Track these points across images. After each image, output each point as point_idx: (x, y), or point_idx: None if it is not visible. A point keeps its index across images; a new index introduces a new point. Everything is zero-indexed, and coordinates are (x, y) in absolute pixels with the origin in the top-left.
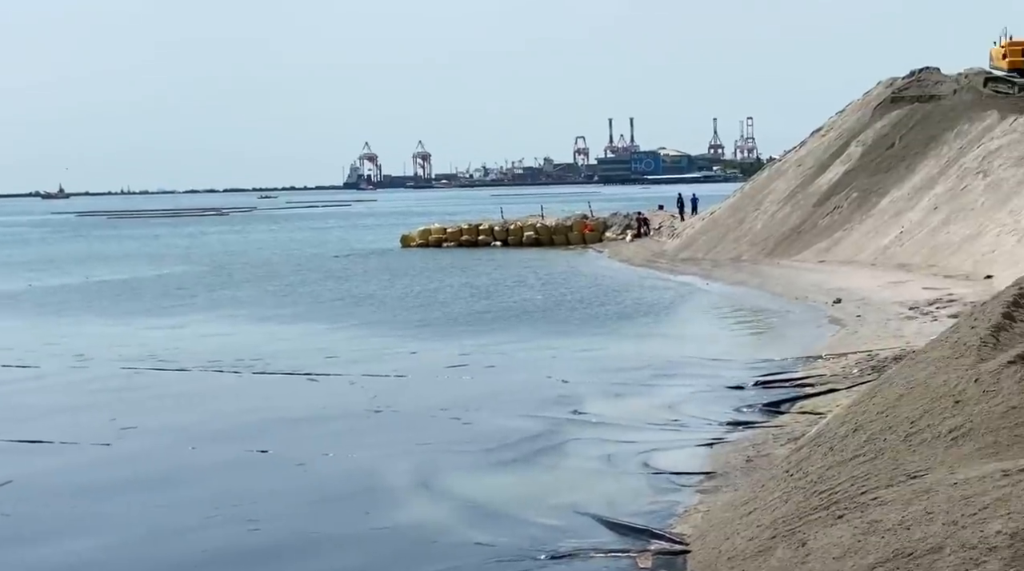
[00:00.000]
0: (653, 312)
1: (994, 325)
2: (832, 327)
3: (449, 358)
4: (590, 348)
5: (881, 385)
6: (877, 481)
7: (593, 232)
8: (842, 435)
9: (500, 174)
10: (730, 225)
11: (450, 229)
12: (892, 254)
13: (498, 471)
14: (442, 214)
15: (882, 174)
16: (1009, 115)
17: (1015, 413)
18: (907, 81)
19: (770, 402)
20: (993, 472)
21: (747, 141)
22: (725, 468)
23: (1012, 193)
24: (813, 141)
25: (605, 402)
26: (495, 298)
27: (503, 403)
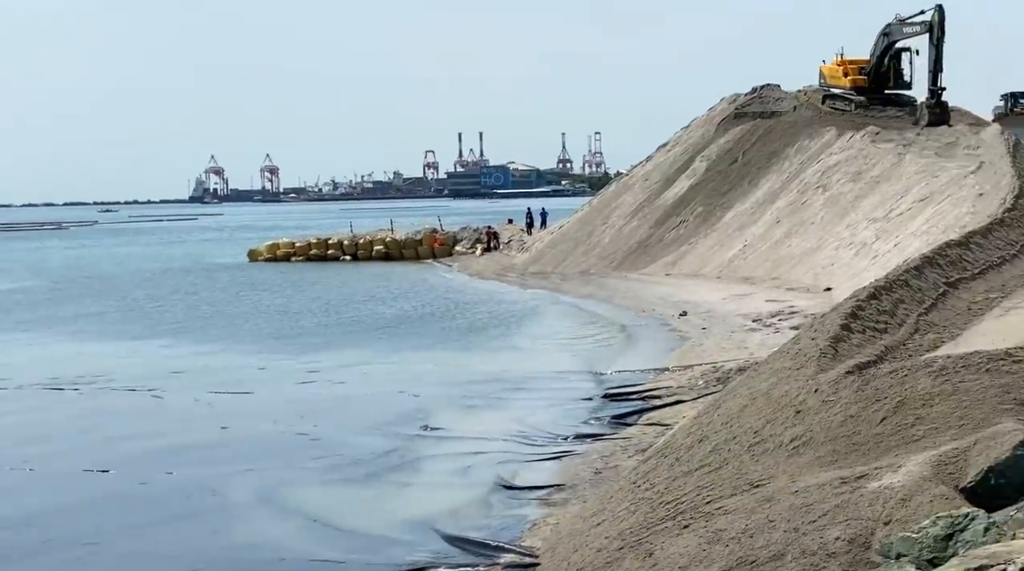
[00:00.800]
0: (503, 325)
1: (833, 336)
2: (678, 339)
3: (298, 374)
4: (441, 362)
5: (725, 396)
6: (722, 491)
7: (443, 246)
8: (688, 446)
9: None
10: (579, 239)
11: (299, 243)
12: (736, 267)
13: (347, 487)
14: (291, 228)
15: (726, 189)
16: (846, 131)
17: (853, 422)
18: (749, 97)
19: (618, 414)
20: (832, 480)
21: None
22: (574, 480)
23: (849, 207)
24: (659, 156)
25: (456, 416)
26: (345, 312)
27: (353, 418)
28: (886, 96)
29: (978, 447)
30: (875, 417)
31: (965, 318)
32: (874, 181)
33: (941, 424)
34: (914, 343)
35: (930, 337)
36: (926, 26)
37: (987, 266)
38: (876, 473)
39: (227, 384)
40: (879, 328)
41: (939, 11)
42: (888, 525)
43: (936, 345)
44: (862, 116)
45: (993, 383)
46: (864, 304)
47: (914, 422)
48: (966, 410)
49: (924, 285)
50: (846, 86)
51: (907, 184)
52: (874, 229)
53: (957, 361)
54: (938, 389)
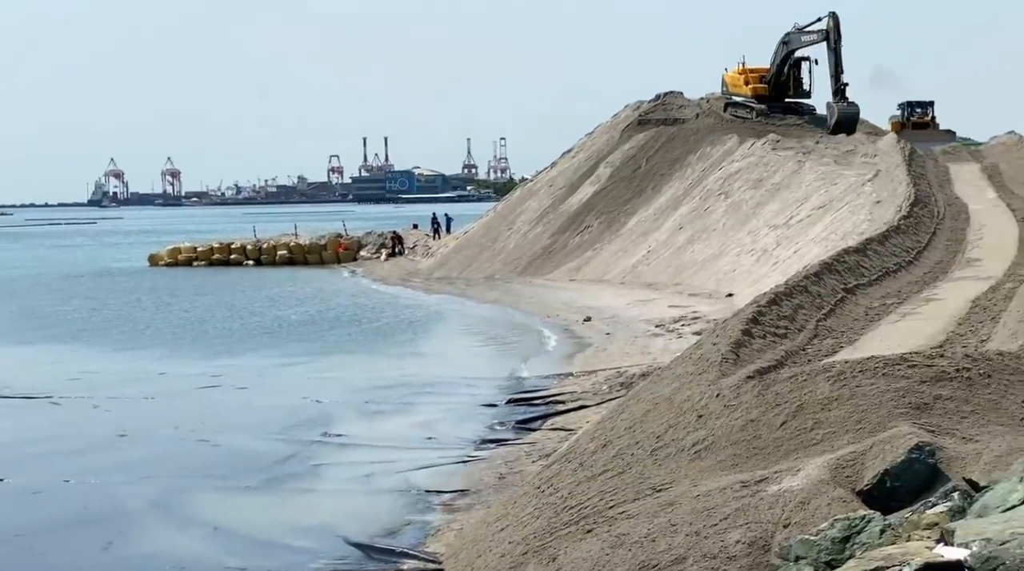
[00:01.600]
0: (408, 331)
1: (734, 342)
2: (582, 345)
3: (200, 379)
4: (345, 367)
5: (629, 401)
6: (624, 495)
7: (348, 251)
8: (591, 451)
9: (253, 192)
10: (484, 244)
11: (200, 247)
12: (640, 273)
13: (249, 494)
14: (192, 232)
15: (630, 195)
16: (748, 139)
17: (753, 426)
18: (653, 105)
19: (522, 419)
20: (733, 484)
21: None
22: (478, 486)
23: (751, 214)
24: (564, 162)
25: (360, 422)
26: (248, 317)
27: (255, 425)
28: (786, 104)
29: (874, 450)
30: (775, 421)
31: (862, 323)
32: (775, 188)
33: (839, 428)
34: (813, 348)
35: (829, 342)
36: (823, 33)
37: (884, 272)
38: (776, 477)
39: (127, 390)
40: (779, 333)
41: (833, 17)
42: (787, 528)
43: (834, 350)
44: (763, 124)
45: (889, 387)
46: (765, 310)
47: (813, 426)
48: (863, 414)
49: (823, 291)
50: (747, 94)
51: (807, 191)
52: (775, 236)
53: (855, 366)
54: (836, 394)
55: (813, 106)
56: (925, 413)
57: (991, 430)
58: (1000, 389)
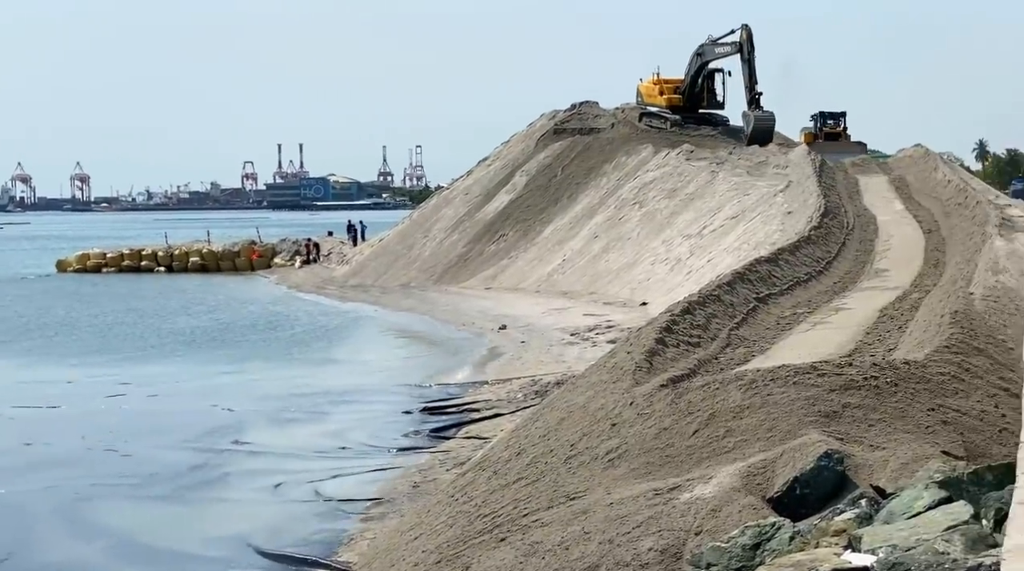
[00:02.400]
0: (323, 338)
1: (648, 350)
2: (498, 353)
3: (109, 387)
4: (259, 375)
5: (543, 409)
6: (538, 503)
7: (261, 258)
8: (506, 459)
9: (165, 198)
10: (399, 252)
11: (110, 254)
12: (555, 281)
13: (158, 503)
14: (102, 238)
15: (545, 204)
16: (662, 149)
17: (666, 434)
18: (568, 114)
19: (437, 427)
20: (646, 491)
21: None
22: (392, 494)
23: (665, 224)
24: (480, 170)
25: (273, 430)
26: (160, 325)
27: (165, 433)
28: (700, 115)
29: (784, 458)
30: (688, 429)
31: (774, 332)
32: (689, 198)
33: (750, 436)
34: (726, 357)
35: (741, 351)
36: (736, 45)
37: (795, 282)
38: (688, 484)
39: (33, 398)
40: (692, 342)
41: (746, 29)
42: (699, 535)
43: (746, 359)
44: (677, 134)
45: (800, 396)
46: (678, 319)
47: (725, 434)
48: (774, 422)
49: (736, 300)
50: (662, 105)
51: (720, 201)
52: (688, 245)
53: (766, 375)
54: (748, 402)
55: (727, 117)
56: (834, 421)
57: (898, 438)
58: (907, 397)
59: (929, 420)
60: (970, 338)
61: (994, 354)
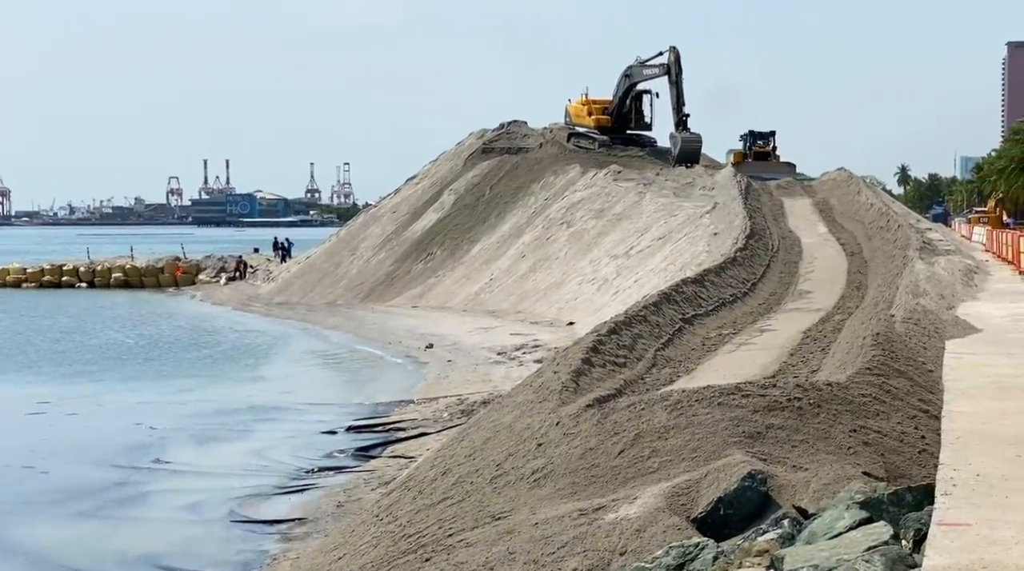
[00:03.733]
0: (247, 356)
1: (574, 370)
2: (424, 372)
3: (27, 404)
4: (182, 393)
5: (469, 429)
6: (464, 523)
7: (186, 274)
8: (431, 479)
9: (88, 213)
10: (326, 269)
11: (30, 269)
12: (482, 300)
13: (75, 522)
14: (22, 253)
15: (473, 223)
16: (590, 169)
17: (592, 454)
18: (497, 133)
19: (362, 447)
20: (571, 511)
21: (343, 186)
22: (316, 514)
23: (592, 244)
24: (407, 189)
25: (194, 449)
26: (81, 341)
27: (84, 452)
28: (628, 136)
29: (709, 478)
30: (613, 450)
31: (700, 353)
32: (616, 218)
33: (675, 456)
34: (652, 377)
35: (667, 372)
36: (664, 67)
37: (721, 303)
38: (613, 504)
39: None
40: (619, 363)
41: (674, 51)
42: (624, 555)
43: (672, 379)
44: (605, 155)
45: (724, 416)
46: (604, 339)
47: (650, 454)
48: (699, 442)
49: (662, 321)
50: (590, 125)
51: (647, 222)
52: (615, 265)
53: (691, 395)
54: (673, 422)
55: (654, 138)
56: (758, 442)
57: (820, 458)
58: (829, 418)
59: (851, 441)
60: (891, 360)
61: (914, 376)
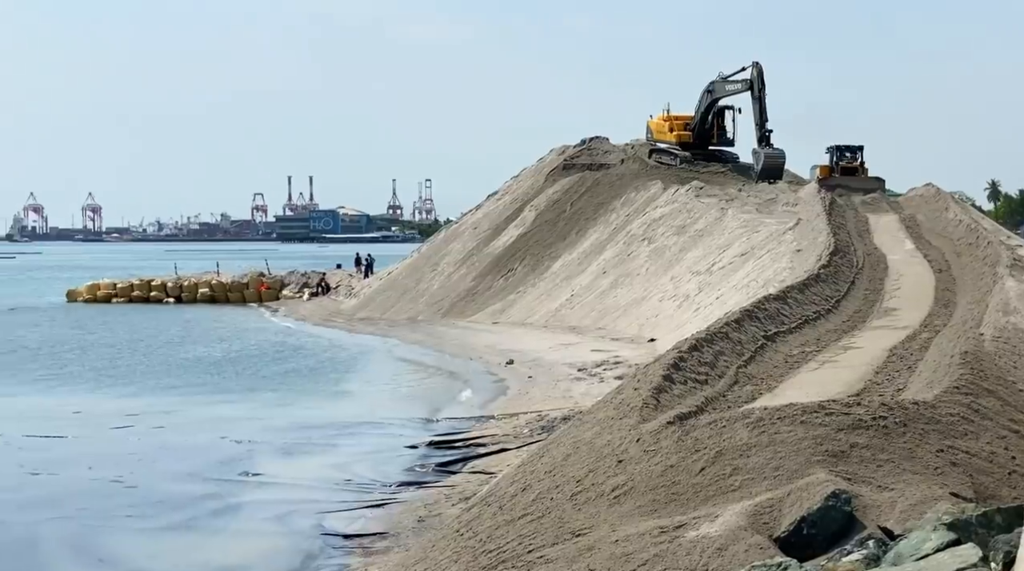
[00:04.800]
0: (330, 371)
1: (655, 387)
2: (505, 388)
3: (116, 418)
4: (267, 406)
5: (549, 445)
6: (543, 539)
7: (270, 290)
8: (511, 494)
9: (175, 229)
10: (407, 285)
11: (120, 284)
12: (563, 316)
13: (163, 535)
14: (113, 269)
15: (554, 239)
16: (672, 185)
17: (672, 472)
18: (578, 149)
19: (443, 462)
20: (652, 529)
21: (425, 202)
22: (397, 528)
23: (674, 260)
24: (489, 205)
25: (280, 462)
26: (167, 355)
27: (171, 464)
28: (710, 152)
29: (792, 497)
30: (694, 467)
31: (782, 370)
32: (698, 235)
33: (757, 474)
34: (733, 394)
35: (748, 389)
36: (747, 83)
37: (803, 320)
38: (694, 522)
39: (40, 428)
40: (700, 379)
41: (756, 67)
42: None
43: (754, 397)
44: (687, 171)
45: (807, 435)
46: (686, 356)
47: (731, 472)
48: (781, 461)
49: (744, 338)
50: (672, 141)
51: (729, 238)
52: (697, 282)
53: (773, 413)
54: (755, 440)
55: (736, 154)
56: (842, 461)
57: (906, 478)
58: (915, 438)
59: (938, 461)
60: (980, 379)
61: (1004, 395)
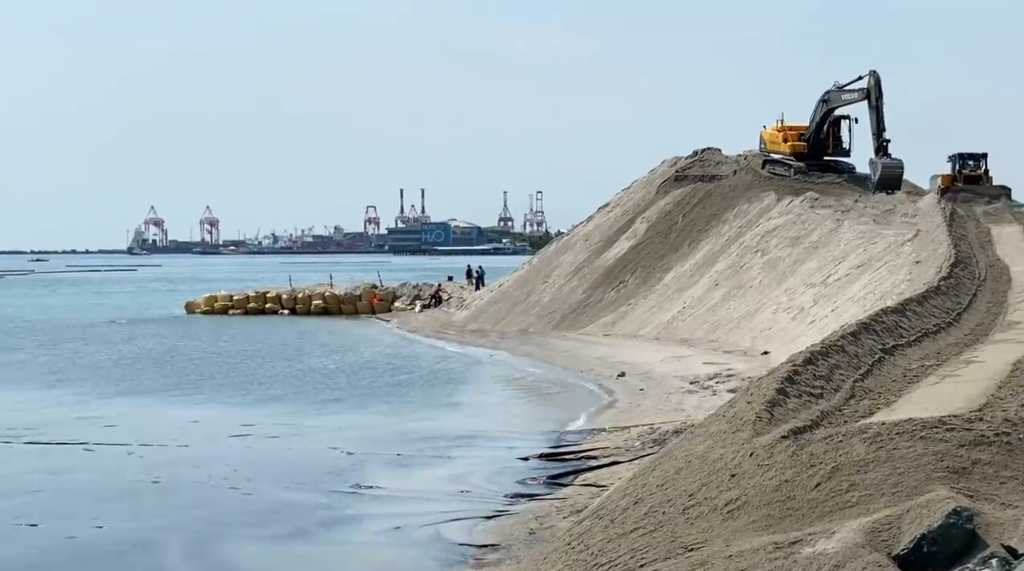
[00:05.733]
0: (441, 383)
1: (769, 401)
2: (616, 400)
3: (232, 427)
4: (378, 418)
5: (661, 458)
6: (655, 553)
7: (382, 302)
8: (623, 508)
9: (290, 241)
10: (518, 297)
11: (237, 296)
12: (675, 329)
13: (279, 544)
14: (229, 281)
15: (666, 251)
16: (785, 197)
17: (787, 487)
18: (690, 160)
19: (554, 474)
20: (766, 545)
21: (536, 214)
22: (508, 540)
23: (788, 272)
24: (600, 216)
25: (390, 474)
26: (282, 366)
27: (286, 474)
28: (825, 162)
29: (911, 514)
30: (810, 482)
31: (900, 385)
32: (812, 246)
33: (875, 491)
34: (849, 409)
35: (865, 403)
36: (863, 92)
37: (923, 334)
38: (810, 539)
39: (160, 436)
40: (815, 393)
41: (874, 76)
42: None
43: (871, 411)
44: (801, 182)
45: (927, 450)
46: (800, 369)
47: (848, 488)
48: (900, 477)
49: (860, 351)
50: (786, 152)
51: (845, 250)
52: (812, 294)
53: (892, 428)
54: (872, 455)
55: (852, 164)
56: (963, 477)
57: None
58: None
59: None
60: None
61: None
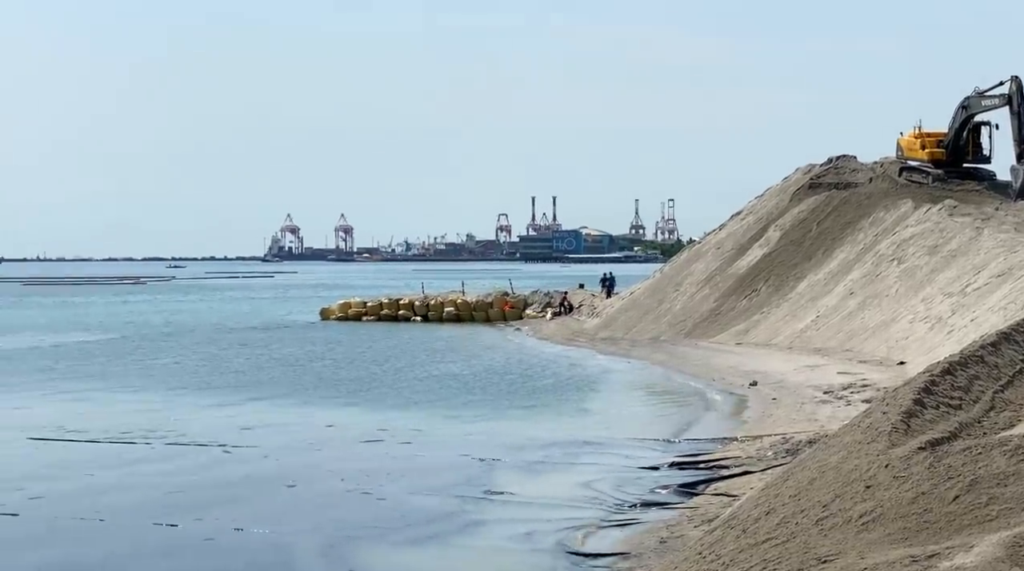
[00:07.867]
0: (572, 390)
1: (905, 411)
2: (748, 409)
3: (366, 432)
4: (508, 424)
5: (794, 468)
6: (788, 565)
7: (514, 309)
8: (755, 518)
9: (422, 249)
10: (649, 305)
11: (370, 303)
12: (808, 338)
13: (411, 549)
14: (363, 288)
15: (799, 259)
16: (923, 204)
17: (924, 499)
18: (825, 168)
19: (685, 483)
20: (902, 558)
21: (668, 222)
22: (639, 549)
23: (925, 281)
24: (733, 224)
25: (521, 480)
26: (415, 373)
27: (418, 479)
28: (964, 169)
29: None
30: (947, 495)
31: None
32: (951, 255)
33: (1016, 504)
34: (989, 421)
35: (1006, 415)
36: (1005, 98)
37: None
38: (948, 553)
39: (295, 440)
40: (953, 404)
41: (1015, 81)
42: None
43: (1012, 424)
44: (939, 189)
45: None
46: (938, 379)
47: (988, 501)
48: None
49: (1001, 362)
50: (924, 159)
51: (985, 259)
52: (950, 303)
53: None
54: (1013, 469)
55: (993, 171)
56: None
57: None
58: None
59: None
60: None
61: None
